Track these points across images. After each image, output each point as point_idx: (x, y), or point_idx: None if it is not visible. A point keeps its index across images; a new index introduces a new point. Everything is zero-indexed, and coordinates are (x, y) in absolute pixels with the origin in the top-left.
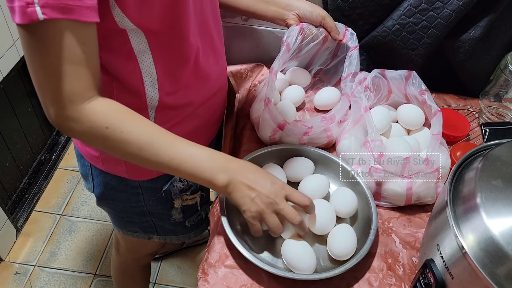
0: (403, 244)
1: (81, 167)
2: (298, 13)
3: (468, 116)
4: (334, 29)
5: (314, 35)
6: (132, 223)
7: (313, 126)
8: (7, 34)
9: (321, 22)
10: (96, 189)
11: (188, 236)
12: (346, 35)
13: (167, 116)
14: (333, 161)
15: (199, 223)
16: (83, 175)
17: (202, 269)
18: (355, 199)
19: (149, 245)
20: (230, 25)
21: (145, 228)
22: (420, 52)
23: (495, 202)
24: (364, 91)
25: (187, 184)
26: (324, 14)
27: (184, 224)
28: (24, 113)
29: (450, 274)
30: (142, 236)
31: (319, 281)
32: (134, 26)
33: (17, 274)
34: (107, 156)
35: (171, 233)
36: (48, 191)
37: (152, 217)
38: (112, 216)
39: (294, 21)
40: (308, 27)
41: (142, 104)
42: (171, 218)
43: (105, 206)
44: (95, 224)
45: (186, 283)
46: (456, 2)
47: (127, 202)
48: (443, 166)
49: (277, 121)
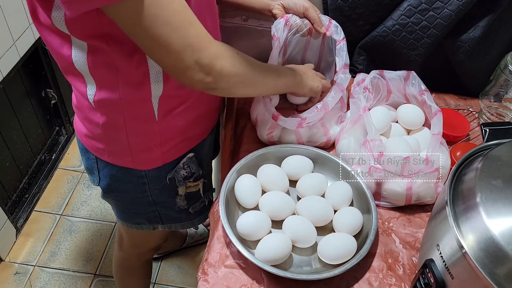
0: (403, 244)
1: (86, 160)
2: (283, 3)
3: (468, 116)
4: (317, 21)
5: (299, 26)
6: (137, 214)
7: (307, 117)
8: (7, 34)
9: (304, 13)
10: (102, 181)
11: (193, 222)
12: (331, 27)
13: (170, 104)
14: (333, 161)
15: (203, 209)
16: (88, 169)
17: (202, 269)
18: (349, 190)
19: (153, 238)
20: (230, 25)
21: (150, 219)
22: (420, 52)
23: (495, 202)
24: (362, 92)
25: (190, 172)
26: (308, 6)
27: (188, 211)
28: (24, 113)
29: (450, 274)
30: (147, 227)
31: (319, 281)
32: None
33: (17, 274)
34: (112, 147)
35: (176, 220)
36: (48, 191)
37: (157, 206)
38: (117, 209)
39: (279, 11)
40: (292, 17)
41: (146, 95)
42: (176, 205)
43: (110, 198)
44: (95, 224)
45: (186, 283)
46: (456, 2)
47: (133, 193)
48: (443, 166)
49: (271, 112)
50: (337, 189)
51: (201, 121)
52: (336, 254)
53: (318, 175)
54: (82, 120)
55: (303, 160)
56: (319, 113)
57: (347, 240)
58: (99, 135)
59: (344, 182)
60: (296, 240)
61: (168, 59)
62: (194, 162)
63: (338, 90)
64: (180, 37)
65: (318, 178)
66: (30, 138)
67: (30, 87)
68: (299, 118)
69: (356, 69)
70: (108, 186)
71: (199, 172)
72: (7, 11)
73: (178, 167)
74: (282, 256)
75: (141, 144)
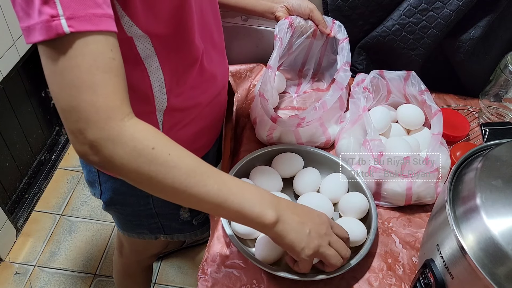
0: (403, 244)
1: (87, 173)
2: (286, 6)
3: (468, 116)
4: (321, 22)
5: (303, 28)
6: (140, 225)
7: (305, 117)
8: (7, 34)
9: (309, 15)
10: (104, 195)
11: (195, 234)
12: (334, 27)
13: (175, 118)
14: (333, 161)
15: (206, 220)
16: (89, 181)
17: (202, 269)
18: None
19: (154, 246)
20: (230, 25)
21: (152, 229)
22: (420, 52)
23: (495, 202)
24: (362, 92)
25: None
26: (312, 7)
27: (191, 223)
28: (24, 113)
29: (450, 274)
30: (149, 237)
31: (319, 281)
32: (142, 32)
33: (17, 274)
34: None
35: (179, 231)
36: (48, 191)
37: (160, 218)
38: (118, 220)
39: (283, 13)
40: (297, 19)
41: (151, 108)
42: (179, 217)
43: (112, 211)
44: (95, 224)
45: (186, 283)
46: (456, 2)
47: (136, 206)
48: (443, 166)
49: (269, 114)
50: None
51: (206, 132)
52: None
53: (311, 170)
54: None
55: (293, 158)
56: (318, 112)
57: (355, 224)
58: None
59: (337, 173)
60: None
61: (59, 113)
62: None
63: (337, 89)
64: (68, 95)
65: (313, 175)
66: (30, 138)
67: (30, 87)
68: (297, 119)
69: (356, 69)
70: (111, 200)
71: None
72: (7, 11)
73: None
74: (280, 252)
75: None
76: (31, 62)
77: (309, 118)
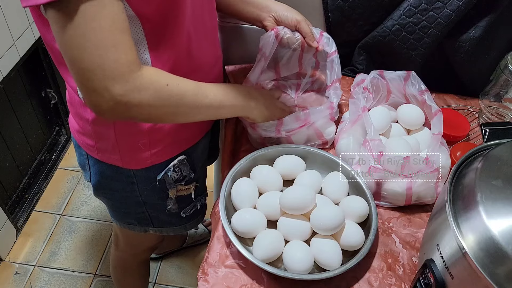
0: (403, 244)
1: (79, 157)
2: (274, 16)
3: (468, 116)
4: (308, 35)
5: (289, 39)
6: (128, 214)
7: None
8: (7, 34)
9: (296, 26)
10: (92, 178)
11: (185, 227)
12: (322, 40)
13: None
14: (333, 161)
15: (195, 214)
16: (81, 165)
17: (202, 269)
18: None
19: (147, 239)
20: (230, 25)
21: (140, 220)
22: (420, 52)
23: (495, 202)
24: (362, 92)
25: (181, 175)
26: (300, 19)
27: (179, 215)
28: (24, 113)
29: (450, 274)
30: (138, 229)
31: (319, 281)
32: (133, 13)
33: (17, 274)
34: (101, 145)
35: (167, 224)
36: (48, 191)
37: (148, 207)
38: (109, 207)
39: (271, 23)
40: (283, 29)
41: None
42: (166, 208)
43: (102, 196)
44: (95, 224)
45: (186, 283)
46: (456, 2)
47: (122, 192)
48: (443, 166)
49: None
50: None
51: (191, 124)
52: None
53: (313, 172)
54: (74, 116)
55: (294, 160)
56: (299, 122)
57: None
58: (89, 132)
59: (336, 172)
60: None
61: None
62: (185, 165)
63: (325, 108)
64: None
65: (314, 176)
66: (30, 138)
67: (30, 87)
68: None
69: (356, 69)
70: (99, 183)
71: (190, 175)
72: (7, 11)
73: (168, 169)
74: (279, 251)
75: (129, 143)
76: (31, 62)
77: (290, 127)
